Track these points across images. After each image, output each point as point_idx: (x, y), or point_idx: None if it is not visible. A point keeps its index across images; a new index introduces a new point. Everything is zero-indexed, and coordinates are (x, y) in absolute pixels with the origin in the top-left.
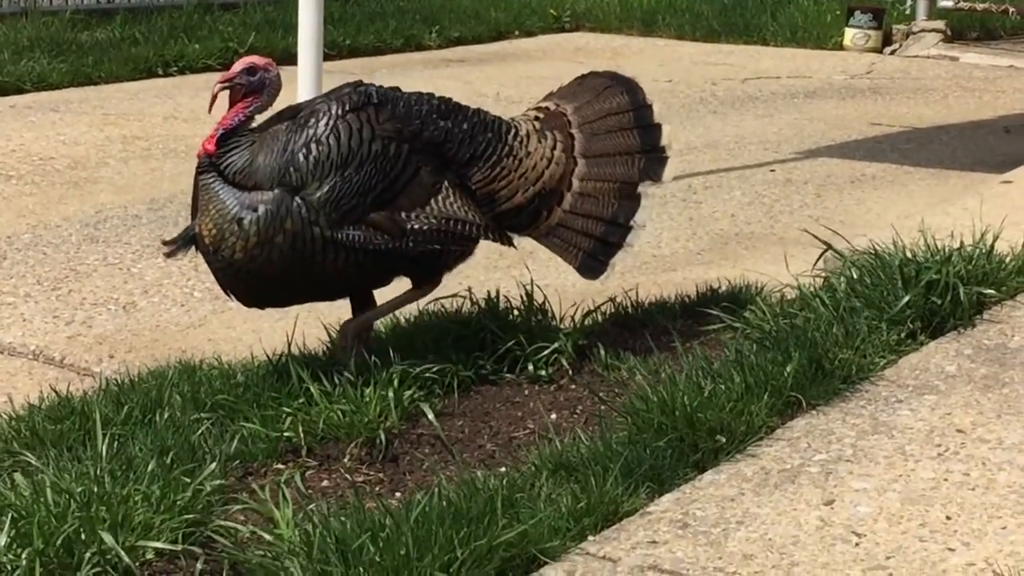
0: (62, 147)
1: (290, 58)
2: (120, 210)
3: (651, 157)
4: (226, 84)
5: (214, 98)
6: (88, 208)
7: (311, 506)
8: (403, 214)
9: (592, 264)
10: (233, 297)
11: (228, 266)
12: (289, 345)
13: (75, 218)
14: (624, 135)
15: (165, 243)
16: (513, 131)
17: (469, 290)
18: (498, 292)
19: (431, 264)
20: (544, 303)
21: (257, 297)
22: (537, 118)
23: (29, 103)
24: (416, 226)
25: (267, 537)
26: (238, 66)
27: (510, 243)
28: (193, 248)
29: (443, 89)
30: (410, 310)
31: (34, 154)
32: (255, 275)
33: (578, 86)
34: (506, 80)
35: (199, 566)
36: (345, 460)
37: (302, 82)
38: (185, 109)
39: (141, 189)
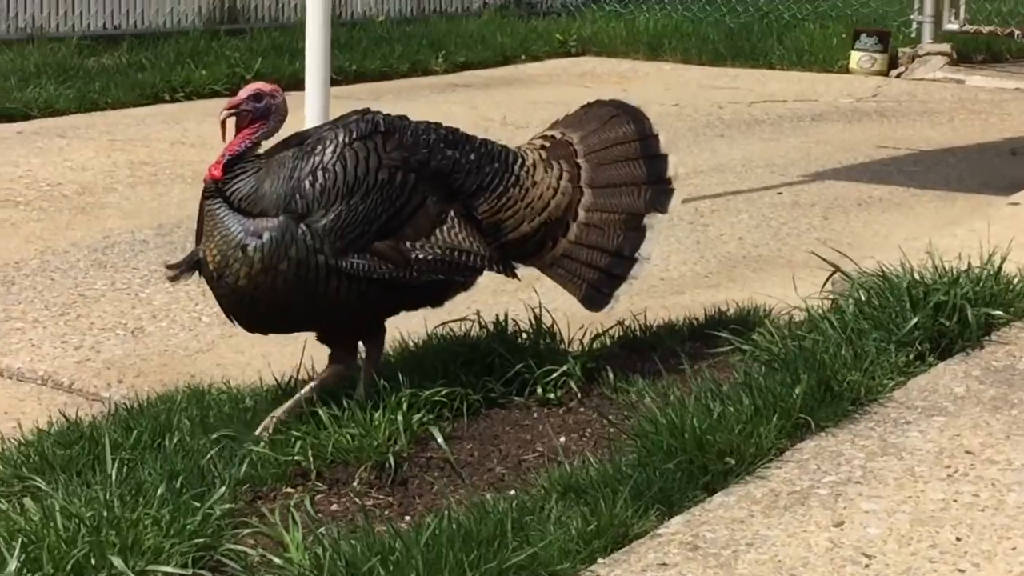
0: (69, 173)
1: (297, 83)
2: (128, 235)
3: (657, 188)
4: (232, 111)
5: (223, 125)
6: (96, 233)
7: (321, 530)
8: (408, 243)
9: (596, 296)
10: (235, 322)
11: (231, 292)
12: (298, 369)
13: (83, 243)
14: (630, 165)
15: (169, 267)
16: (520, 161)
17: (478, 313)
18: (506, 315)
19: (433, 295)
20: (552, 326)
21: (259, 323)
22: (543, 147)
23: (36, 129)
24: (421, 256)
25: (277, 561)
26: (244, 92)
27: (514, 274)
28: (197, 273)
29: (449, 113)
30: (419, 333)
31: (41, 180)
32: (258, 302)
33: (584, 115)
34: (513, 105)
35: None
36: (354, 484)
37: (309, 107)
38: (192, 134)
39: (148, 214)
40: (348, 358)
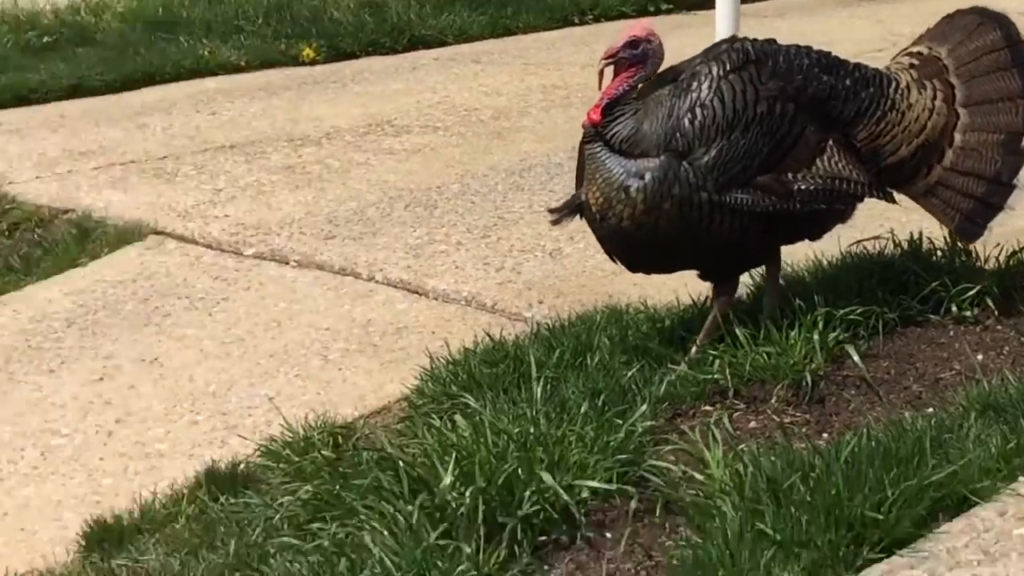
0: (484, 98)
1: (702, 2)
2: (543, 159)
3: None
4: (610, 60)
5: (601, 74)
6: (512, 157)
7: (740, 447)
8: (789, 175)
9: (970, 228)
10: (618, 262)
11: (614, 233)
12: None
13: (500, 167)
14: (1003, 77)
15: (551, 211)
16: (894, 84)
17: (891, 232)
18: (920, 233)
19: (813, 226)
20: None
21: (642, 263)
22: (912, 65)
23: (451, 55)
24: (803, 187)
25: (698, 477)
26: (620, 40)
27: (892, 200)
28: (578, 216)
29: (856, 29)
30: (833, 252)
31: (458, 105)
32: (641, 241)
33: (947, 26)
34: (918, 17)
35: (633, 504)
36: (772, 401)
37: (720, 25)
38: None
39: (562, 138)
40: (731, 290)
